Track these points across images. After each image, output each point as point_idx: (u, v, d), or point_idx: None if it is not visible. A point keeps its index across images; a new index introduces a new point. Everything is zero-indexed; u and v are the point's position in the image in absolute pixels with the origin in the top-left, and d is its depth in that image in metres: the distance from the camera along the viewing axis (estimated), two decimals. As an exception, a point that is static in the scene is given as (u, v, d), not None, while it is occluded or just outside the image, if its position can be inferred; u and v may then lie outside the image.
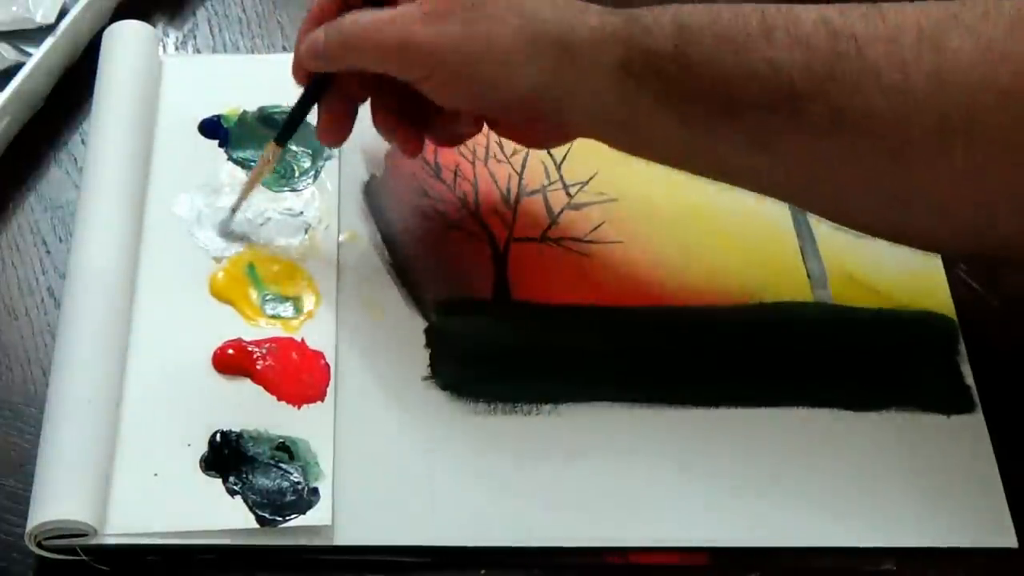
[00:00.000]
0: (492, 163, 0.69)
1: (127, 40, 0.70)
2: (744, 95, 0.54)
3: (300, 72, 0.62)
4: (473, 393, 0.61)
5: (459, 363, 0.62)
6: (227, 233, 0.65)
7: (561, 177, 0.69)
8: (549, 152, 0.70)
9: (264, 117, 0.70)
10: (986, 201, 0.53)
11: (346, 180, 0.68)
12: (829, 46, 0.53)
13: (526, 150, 0.70)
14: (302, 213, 0.66)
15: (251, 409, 0.59)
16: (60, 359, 0.58)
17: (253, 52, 0.75)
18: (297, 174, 0.68)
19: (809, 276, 0.66)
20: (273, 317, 0.62)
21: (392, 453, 0.59)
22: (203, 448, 0.57)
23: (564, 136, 0.63)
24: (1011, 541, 0.58)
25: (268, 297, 0.63)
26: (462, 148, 0.70)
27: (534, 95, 0.57)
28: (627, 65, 0.55)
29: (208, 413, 0.58)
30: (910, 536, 0.58)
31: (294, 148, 0.69)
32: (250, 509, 0.56)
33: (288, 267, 0.64)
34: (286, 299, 0.63)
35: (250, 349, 0.60)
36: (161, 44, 0.73)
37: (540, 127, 0.60)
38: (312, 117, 0.63)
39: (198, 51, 0.75)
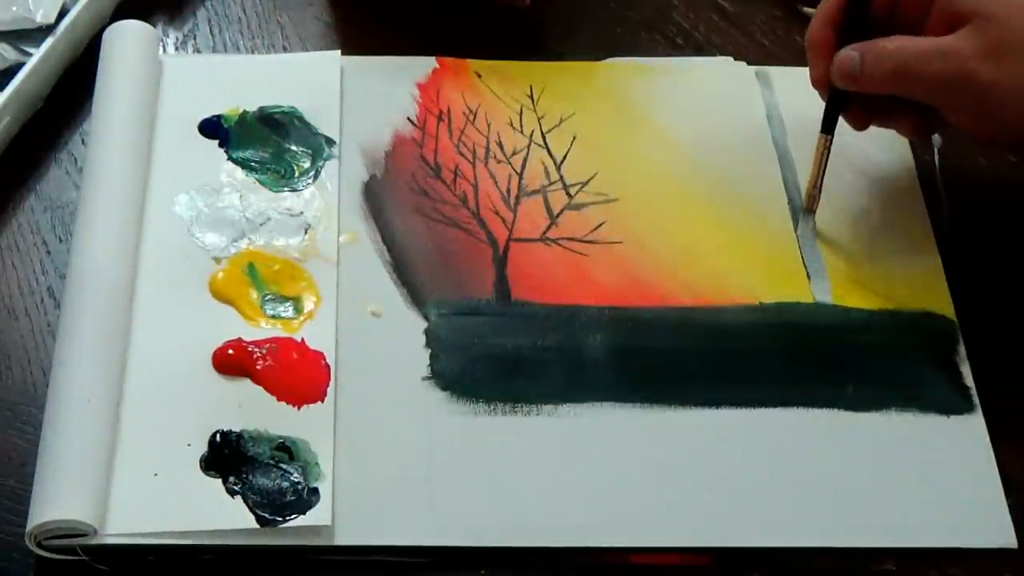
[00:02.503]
0: (492, 163, 0.69)
1: (127, 40, 0.70)
2: None
3: (823, 84, 0.63)
4: (473, 393, 0.61)
5: (459, 363, 0.62)
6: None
7: (561, 177, 0.69)
8: (549, 152, 0.70)
9: (264, 117, 0.70)
10: None
11: (346, 180, 0.68)
12: None
13: (526, 150, 0.70)
14: (302, 213, 0.66)
15: (251, 409, 0.59)
16: (60, 359, 0.58)
17: (253, 52, 0.74)
18: (297, 174, 0.68)
19: (809, 276, 0.66)
20: (273, 317, 0.62)
21: (392, 453, 0.59)
22: (203, 448, 0.57)
23: None
24: (1011, 541, 0.58)
25: (268, 297, 0.63)
26: (462, 148, 0.70)
27: None
28: None
29: (208, 413, 0.58)
30: (910, 536, 0.58)
31: (294, 148, 0.69)
32: (250, 509, 0.56)
33: (288, 267, 0.64)
34: (286, 299, 0.63)
35: (250, 349, 0.60)
36: (161, 44, 0.73)
37: None
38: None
39: (198, 51, 0.75)
